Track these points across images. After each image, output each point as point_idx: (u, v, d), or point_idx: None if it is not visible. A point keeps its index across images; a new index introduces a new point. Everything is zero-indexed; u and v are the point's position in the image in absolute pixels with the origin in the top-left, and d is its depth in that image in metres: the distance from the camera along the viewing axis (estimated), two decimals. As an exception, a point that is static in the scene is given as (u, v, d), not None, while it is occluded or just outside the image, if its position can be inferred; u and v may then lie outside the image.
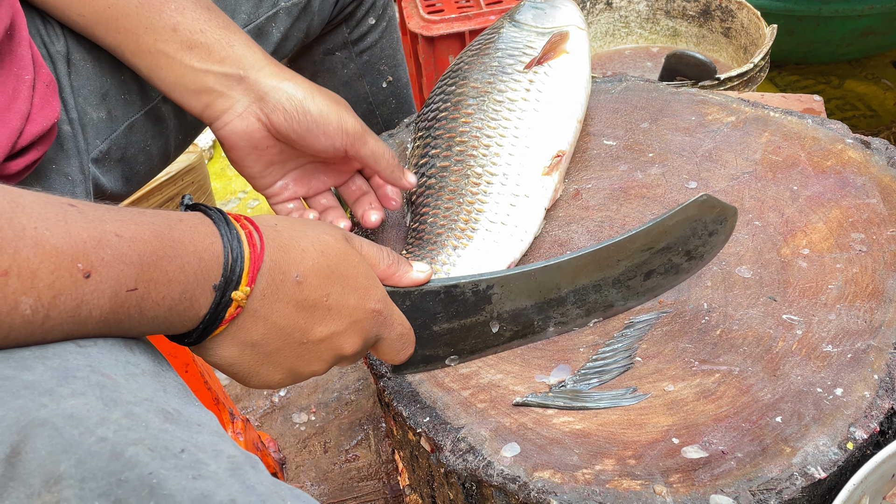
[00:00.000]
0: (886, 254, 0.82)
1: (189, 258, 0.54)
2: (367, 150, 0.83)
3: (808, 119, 1.00)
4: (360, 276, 0.63)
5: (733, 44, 1.55)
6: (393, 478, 1.27)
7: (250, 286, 0.56)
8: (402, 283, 0.69)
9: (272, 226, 0.60)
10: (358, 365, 1.48)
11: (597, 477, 0.66)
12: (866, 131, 1.82)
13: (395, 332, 0.68)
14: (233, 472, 0.47)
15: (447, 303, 0.70)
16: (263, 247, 0.58)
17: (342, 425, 1.37)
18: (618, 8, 1.62)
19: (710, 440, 0.68)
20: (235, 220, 0.58)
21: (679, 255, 0.74)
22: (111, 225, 0.50)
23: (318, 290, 0.60)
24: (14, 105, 0.72)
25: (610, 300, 0.75)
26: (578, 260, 0.72)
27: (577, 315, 0.75)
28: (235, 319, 0.57)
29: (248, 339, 0.59)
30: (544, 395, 0.74)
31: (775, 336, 0.76)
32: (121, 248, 0.50)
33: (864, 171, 0.91)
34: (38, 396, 0.45)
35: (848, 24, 1.80)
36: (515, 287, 0.71)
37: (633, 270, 0.74)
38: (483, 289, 0.70)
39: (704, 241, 0.74)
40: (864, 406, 0.69)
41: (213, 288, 0.55)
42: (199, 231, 0.55)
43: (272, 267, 0.58)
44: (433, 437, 0.72)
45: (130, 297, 0.51)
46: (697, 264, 0.77)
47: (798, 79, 2.01)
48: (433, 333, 0.72)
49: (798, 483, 0.64)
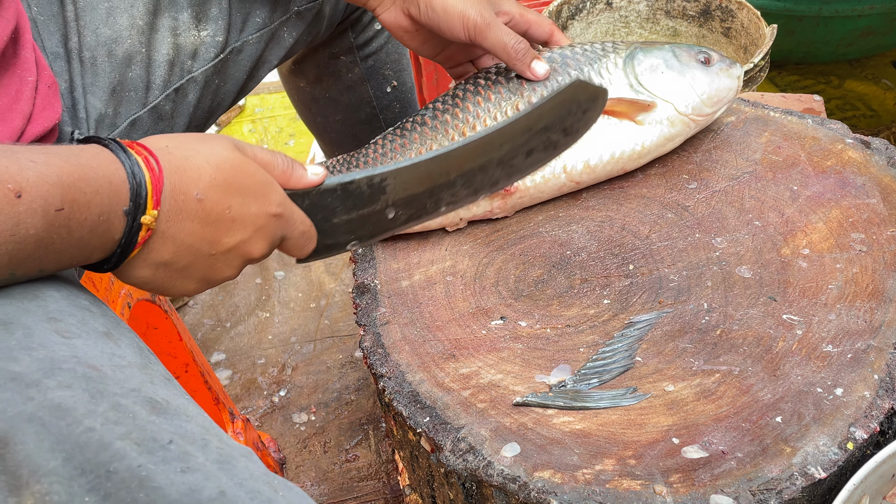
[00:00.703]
0: (886, 254, 0.82)
1: (100, 182, 0.56)
2: (489, 42, 0.90)
3: (808, 119, 1.00)
4: (257, 183, 0.65)
5: (733, 44, 1.55)
6: (393, 478, 1.27)
7: (156, 209, 0.59)
8: (298, 185, 0.70)
9: (164, 148, 0.61)
10: (358, 365, 1.48)
11: (597, 477, 0.66)
12: (866, 131, 1.82)
13: (297, 230, 0.70)
14: (221, 465, 0.48)
15: (344, 198, 0.73)
16: (162, 170, 0.59)
17: (342, 425, 1.37)
18: (618, 8, 1.62)
19: (710, 440, 0.68)
20: (129, 146, 0.60)
21: (556, 133, 0.79)
22: (24, 154, 0.53)
23: (219, 205, 0.62)
24: (17, 106, 0.72)
25: (495, 178, 0.79)
26: (464, 148, 0.75)
27: (465, 195, 0.79)
28: (147, 242, 0.60)
29: (159, 260, 0.61)
30: (544, 395, 0.74)
31: (775, 336, 0.76)
32: (38, 169, 0.53)
33: (864, 171, 0.91)
34: (25, 388, 0.46)
35: (848, 24, 1.80)
36: (408, 177, 0.75)
37: (514, 151, 0.78)
38: (378, 182, 0.73)
39: (579, 118, 0.79)
40: (864, 406, 0.69)
41: (124, 213, 0.57)
42: (102, 158, 0.58)
43: (173, 189, 0.60)
44: (433, 437, 0.72)
45: (59, 217, 0.53)
46: (573, 139, 0.81)
47: (798, 79, 2.01)
48: (333, 225, 0.74)
49: (798, 483, 0.64)
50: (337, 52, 1.21)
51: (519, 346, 0.80)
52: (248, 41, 1.01)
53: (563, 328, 0.81)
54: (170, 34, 0.94)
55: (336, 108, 1.28)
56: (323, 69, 1.23)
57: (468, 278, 0.88)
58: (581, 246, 0.89)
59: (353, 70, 1.23)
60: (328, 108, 1.28)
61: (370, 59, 1.23)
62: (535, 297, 0.85)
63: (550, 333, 0.81)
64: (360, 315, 0.87)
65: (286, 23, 1.03)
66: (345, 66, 1.22)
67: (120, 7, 0.91)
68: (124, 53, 0.91)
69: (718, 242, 0.87)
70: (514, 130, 0.76)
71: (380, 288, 0.89)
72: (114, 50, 0.90)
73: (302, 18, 1.05)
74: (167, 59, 0.94)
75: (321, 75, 1.23)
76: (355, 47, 1.21)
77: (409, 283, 0.89)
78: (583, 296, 0.85)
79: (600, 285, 0.85)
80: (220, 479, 0.46)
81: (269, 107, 2.14)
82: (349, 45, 1.20)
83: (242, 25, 1.00)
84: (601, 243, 0.90)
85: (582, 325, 0.81)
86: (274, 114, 2.12)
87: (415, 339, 0.82)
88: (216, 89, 1.00)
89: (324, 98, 1.27)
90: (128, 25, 0.91)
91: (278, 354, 1.54)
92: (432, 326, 0.83)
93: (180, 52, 0.95)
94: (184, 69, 0.96)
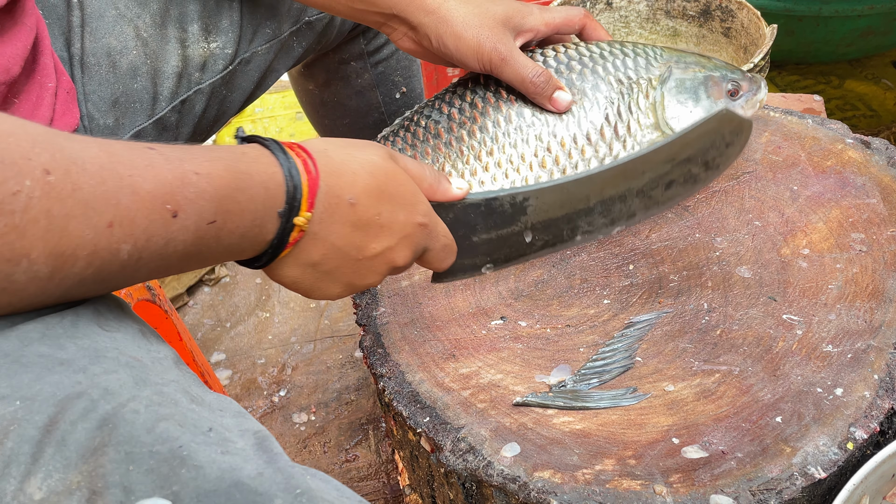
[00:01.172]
0: (886, 254, 0.82)
1: (257, 189, 0.56)
2: (506, 76, 0.88)
3: (808, 119, 1.00)
4: (407, 193, 0.66)
5: (733, 44, 1.55)
6: (393, 478, 1.27)
7: (310, 211, 0.60)
8: (443, 198, 0.71)
9: (322, 151, 0.62)
10: (358, 365, 1.48)
11: (597, 477, 0.66)
12: (866, 131, 1.82)
13: (439, 243, 0.71)
14: (259, 448, 0.49)
15: (486, 214, 0.74)
16: (318, 173, 0.60)
17: (342, 425, 1.37)
18: (618, 8, 1.62)
19: (710, 440, 0.68)
20: (289, 148, 0.61)
21: (698, 166, 0.77)
22: (189, 164, 0.52)
23: (370, 210, 0.63)
24: (37, 112, 0.73)
25: (633, 210, 0.77)
26: (607, 172, 0.75)
27: (602, 224, 0.77)
28: (298, 243, 0.61)
29: (309, 260, 0.62)
30: (544, 395, 0.74)
31: (775, 336, 0.76)
32: (200, 185, 0.52)
33: (864, 171, 0.91)
34: (73, 373, 0.47)
35: (848, 24, 1.80)
36: (549, 198, 0.74)
37: (655, 181, 0.76)
38: (520, 200, 0.73)
39: (721, 151, 0.77)
40: (864, 406, 0.69)
41: (279, 215, 0.58)
42: (262, 162, 0.58)
43: (327, 191, 0.61)
44: (433, 437, 0.72)
45: (210, 230, 0.54)
46: (713, 174, 0.79)
47: (798, 79, 2.01)
48: (472, 244, 0.75)
49: (798, 483, 0.64)
50: (347, 57, 1.20)
51: (519, 346, 0.80)
52: (258, 52, 1.00)
53: (563, 328, 0.81)
54: (178, 45, 0.93)
55: (344, 112, 1.27)
56: (332, 73, 1.22)
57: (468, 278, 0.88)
58: (581, 246, 0.89)
59: (363, 75, 1.22)
60: (336, 111, 1.28)
61: (380, 65, 1.23)
62: (535, 297, 0.85)
63: (550, 333, 0.81)
64: (360, 315, 0.87)
65: (296, 33, 1.03)
66: (354, 71, 1.22)
67: (127, 16, 0.90)
68: (129, 65, 0.90)
69: (718, 242, 0.87)
70: (656, 158, 0.75)
71: (379, 287, 0.89)
72: (118, 61, 0.89)
73: (312, 28, 1.04)
74: (175, 70, 0.93)
75: (330, 79, 1.23)
76: (366, 53, 1.21)
77: (408, 283, 0.89)
78: (583, 296, 0.85)
79: (600, 285, 0.85)
80: (259, 461, 0.47)
81: (269, 107, 2.14)
82: (360, 51, 1.20)
83: (252, 36, 0.99)
84: (601, 243, 0.90)
85: (582, 325, 0.81)
86: (274, 114, 2.12)
87: (415, 339, 0.82)
88: (223, 99, 1.00)
89: (332, 101, 1.27)
90: (133, 36, 0.90)
91: (278, 354, 1.54)
92: (432, 326, 0.83)
93: (189, 64, 0.95)
94: (192, 81, 0.95)
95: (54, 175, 0.45)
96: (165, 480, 0.43)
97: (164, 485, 0.43)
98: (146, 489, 0.43)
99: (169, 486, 0.43)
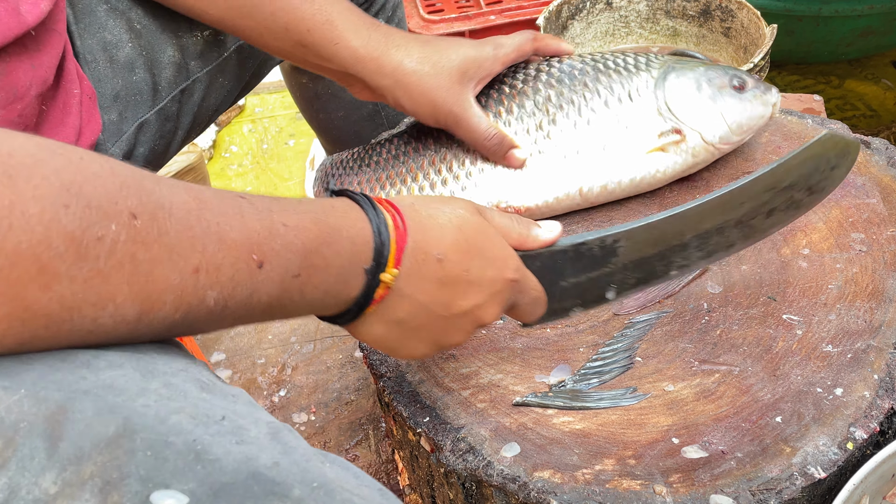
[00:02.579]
0: (886, 254, 0.82)
1: (343, 243, 0.56)
2: (461, 135, 0.91)
3: (808, 119, 1.00)
4: (495, 247, 0.65)
5: (733, 44, 1.55)
6: (393, 478, 1.27)
7: (397, 267, 0.59)
8: (533, 246, 0.70)
9: (410, 205, 0.62)
10: (358, 365, 1.48)
11: (597, 477, 0.66)
12: (866, 131, 1.82)
13: (529, 296, 0.69)
14: (273, 437, 0.48)
15: (575, 259, 0.71)
16: (406, 229, 0.60)
17: (342, 425, 1.37)
18: (618, 8, 1.62)
19: (710, 440, 0.68)
20: (378, 202, 0.60)
21: (801, 192, 0.74)
22: (278, 215, 0.52)
23: (458, 266, 0.62)
24: (67, 120, 0.72)
25: (731, 240, 0.74)
26: (703, 206, 0.71)
27: (698, 258, 0.74)
28: (384, 300, 0.60)
29: (394, 317, 0.61)
30: (544, 395, 0.74)
31: (775, 336, 0.76)
32: (287, 237, 0.52)
33: (864, 171, 0.91)
34: (76, 370, 0.46)
35: (848, 24, 1.80)
36: (640, 239, 0.72)
37: (755, 210, 0.73)
38: (609, 243, 0.71)
39: (826, 175, 0.74)
40: (864, 406, 0.69)
41: (365, 271, 0.58)
42: (351, 217, 0.58)
43: (415, 247, 0.60)
44: (433, 437, 0.72)
45: (294, 283, 0.53)
46: (818, 198, 0.76)
47: (798, 79, 2.01)
48: (561, 289, 0.72)
49: (798, 483, 0.64)
50: None
51: (519, 346, 0.80)
52: None
53: (563, 328, 0.81)
54: (172, 35, 0.94)
55: (338, 104, 1.27)
56: None
57: (468, 278, 0.88)
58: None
59: None
60: (330, 104, 1.28)
61: None
62: (535, 297, 0.85)
63: (550, 333, 0.81)
64: (360, 315, 0.87)
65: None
66: None
67: (118, 9, 0.90)
68: (125, 58, 0.90)
69: (718, 242, 0.87)
70: (756, 188, 0.71)
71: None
72: (114, 55, 0.89)
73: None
74: (172, 60, 0.93)
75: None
76: None
77: (408, 283, 0.89)
78: (583, 296, 0.85)
79: (600, 285, 0.85)
80: (274, 450, 0.47)
81: (269, 107, 2.14)
82: None
83: None
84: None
85: (582, 325, 0.81)
86: (274, 114, 2.12)
87: (415, 339, 0.82)
88: (220, 87, 1.00)
89: (326, 94, 1.26)
90: (127, 29, 0.91)
91: (278, 354, 1.54)
92: (432, 326, 0.83)
93: (185, 53, 0.95)
94: (190, 69, 0.96)
95: (140, 220, 0.44)
96: (182, 475, 0.43)
97: (182, 479, 0.43)
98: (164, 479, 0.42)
99: (186, 483, 0.43)
